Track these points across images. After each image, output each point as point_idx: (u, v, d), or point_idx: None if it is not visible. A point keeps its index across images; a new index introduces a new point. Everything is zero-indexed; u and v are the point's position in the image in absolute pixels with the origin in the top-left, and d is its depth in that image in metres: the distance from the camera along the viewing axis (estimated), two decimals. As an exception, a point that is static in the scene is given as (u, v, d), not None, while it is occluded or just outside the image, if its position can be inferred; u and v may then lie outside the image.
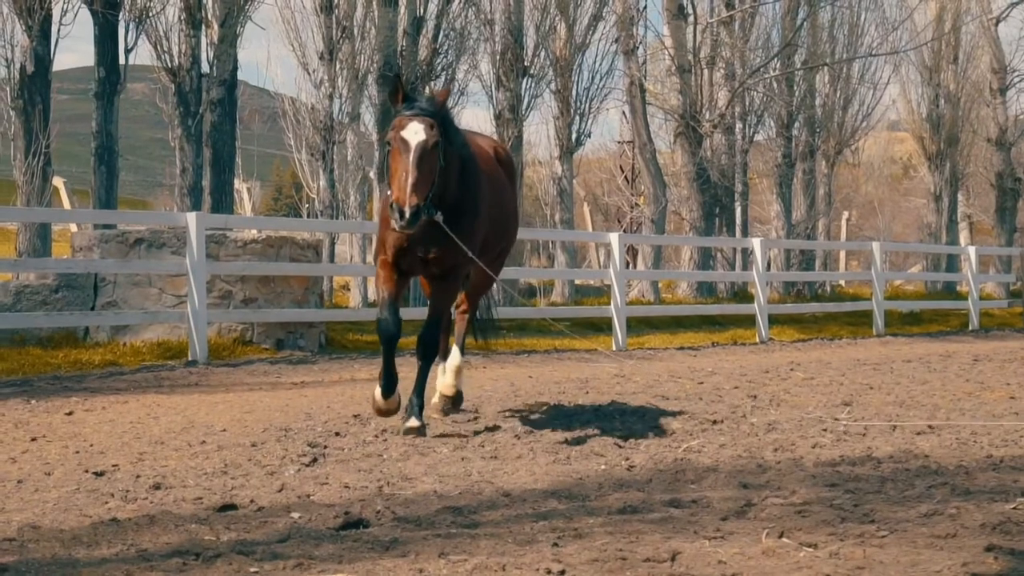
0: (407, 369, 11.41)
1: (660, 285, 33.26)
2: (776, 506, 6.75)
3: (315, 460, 8.78)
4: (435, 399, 11.51)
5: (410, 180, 9.35)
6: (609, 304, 23.56)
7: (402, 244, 10.16)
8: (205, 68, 26.58)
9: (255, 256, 18.72)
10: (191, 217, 17.76)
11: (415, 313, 18.02)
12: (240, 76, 28.21)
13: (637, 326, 25.70)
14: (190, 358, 17.38)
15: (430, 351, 10.49)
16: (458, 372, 11.51)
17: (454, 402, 11.58)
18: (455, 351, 11.63)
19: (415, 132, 9.56)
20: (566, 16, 32.00)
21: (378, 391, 10.36)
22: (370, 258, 26.64)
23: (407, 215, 9.18)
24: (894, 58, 41.82)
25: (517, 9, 31.12)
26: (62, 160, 34.06)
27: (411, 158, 9.48)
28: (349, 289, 29.11)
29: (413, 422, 10.18)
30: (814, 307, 30.67)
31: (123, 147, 26.70)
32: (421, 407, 10.32)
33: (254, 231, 20.30)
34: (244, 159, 75.61)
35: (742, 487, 7.44)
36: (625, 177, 46.54)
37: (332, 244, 29.40)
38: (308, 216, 45.19)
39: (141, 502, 7.18)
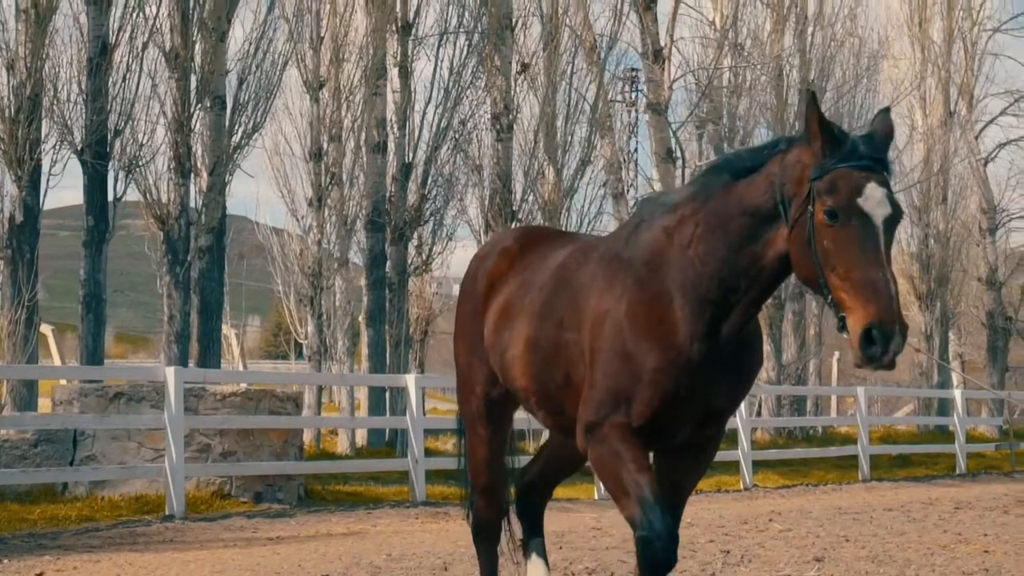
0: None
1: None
2: None
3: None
4: None
5: (893, 284, 6.16)
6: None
7: (684, 391, 6.73)
8: (194, 215, 26.88)
9: (234, 409, 18.80)
10: (170, 372, 17.88)
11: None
12: (242, 211, 28.55)
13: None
14: (167, 513, 17.38)
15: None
16: None
17: None
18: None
19: (881, 203, 6.35)
20: (554, 161, 32.28)
21: None
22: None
23: (895, 343, 6.07)
24: (883, 199, 42.07)
25: (505, 154, 31.43)
26: (60, 298, 34.33)
27: (882, 246, 6.25)
28: (337, 433, 29.10)
29: None
30: (799, 452, 30.61)
31: (124, 284, 27.04)
32: None
33: (235, 384, 20.40)
34: (245, 294, 76.17)
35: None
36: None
37: (319, 391, 29.49)
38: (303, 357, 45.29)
39: None
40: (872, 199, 6.27)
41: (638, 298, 6.82)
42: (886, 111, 6.96)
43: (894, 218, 6.32)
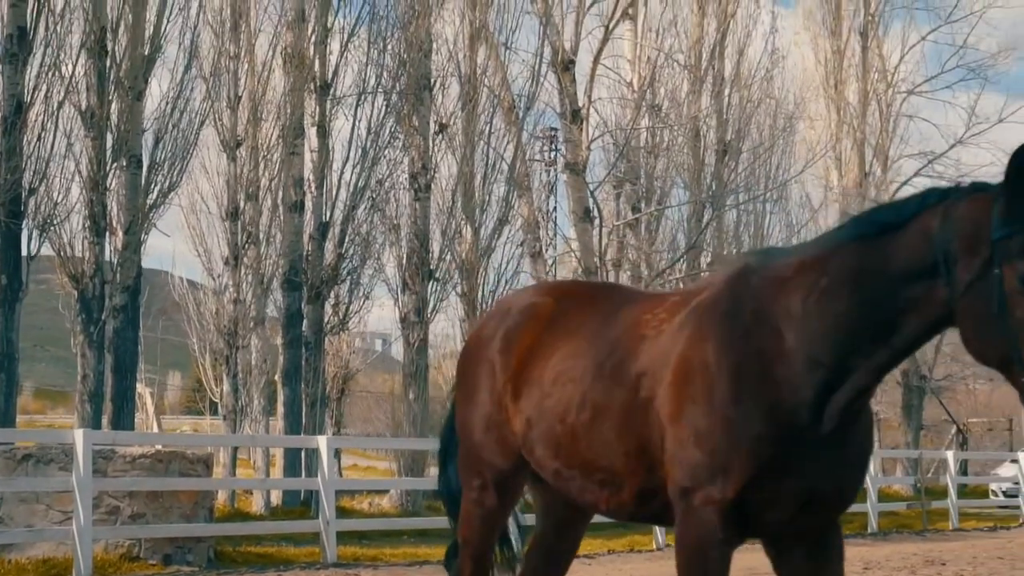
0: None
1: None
2: None
3: None
4: None
5: None
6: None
7: (786, 465, 5.98)
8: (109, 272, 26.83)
9: (144, 471, 18.70)
10: (78, 434, 17.79)
11: None
12: (162, 265, 28.53)
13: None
14: (75, 576, 17.29)
15: None
16: None
17: None
18: None
19: None
20: (472, 220, 32.45)
21: None
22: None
23: None
24: (799, 258, 42.46)
25: (423, 213, 31.58)
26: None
27: None
28: (252, 492, 29.00)
29: None
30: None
31: (44, 338, 26.89)
32: None
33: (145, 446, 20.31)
34: (166, 350, 75.67)
35: None
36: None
37: (235, 453, 29.43)
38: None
39: None
40: None
41: (741, 350, 6.09)
42: None
43: None
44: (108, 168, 26.46)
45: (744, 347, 6.06)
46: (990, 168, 45.66)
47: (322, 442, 21.27)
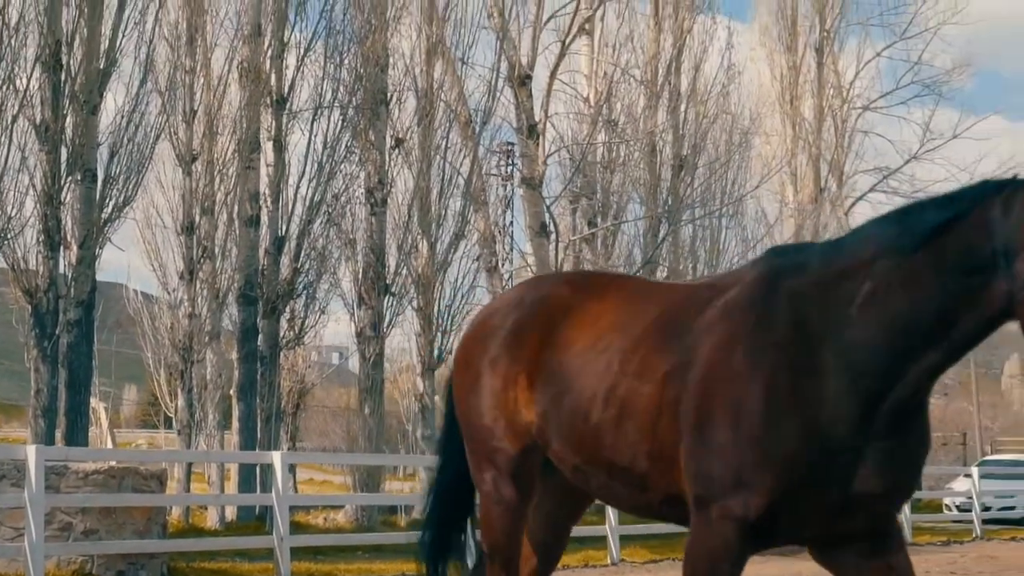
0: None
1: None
2: None
3: None
4: None
5: None
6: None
7: (818, 484, 5.85)
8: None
9: (97, 487, 18.63)
10: (31, 450, 17.69)
11: None
12: (118, 278, 28.43)
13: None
14: (26, 592, 17.20)
15: None
16: None
17: None
18: None
19: None
20: (428, 234, 32.46)
21: None
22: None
23: None
24: (755, 272, 42.57)
25: (379, 228, 31.58)
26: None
27: None
28: (206, 508, 28.89)
29: None
30: (666, 526, 30.65)
31: None
32: None
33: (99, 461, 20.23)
34: (122, 363, 75.30)
35: None
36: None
37: (189, 468, 29.34)
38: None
39: None
40: None
41: (775, 361, 5.91)
42: None
43: None
44: (62, 182, 26.37)
45: (779, 357, 5.90)
46: (944, 184, 45.96)
47: (276, 458, 21.22)
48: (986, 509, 36.04)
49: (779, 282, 6.11)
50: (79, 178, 26.80)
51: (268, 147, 30.58)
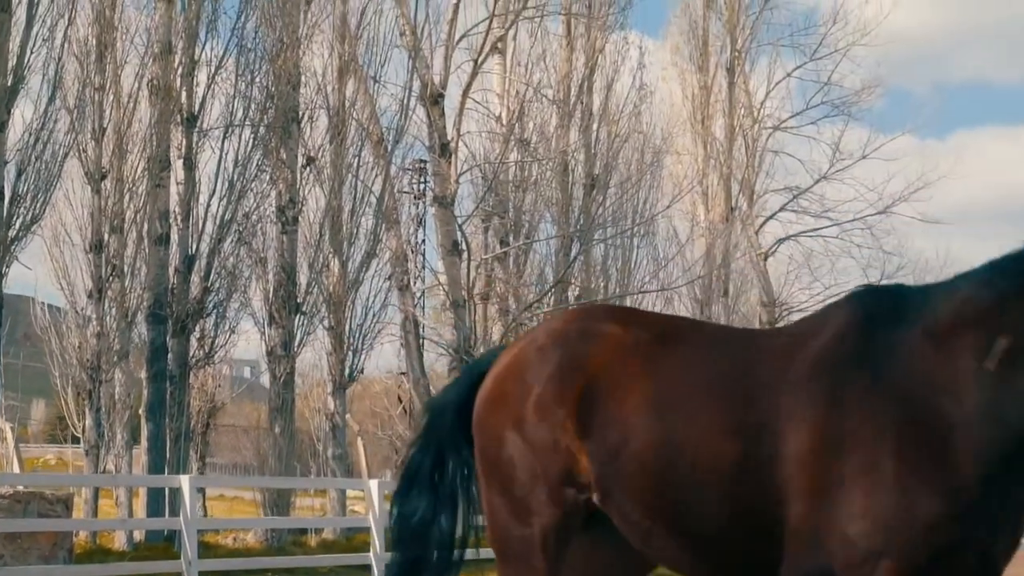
0: None
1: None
2: None
3: None
4: None
5: None
6: (369, 552, 23.42)
7: (962, 543, 5.62)
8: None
9: (1, 512, 18.41)
10: (-67, 475, 17.53)
11: None
12: (26, 291, 28.12)
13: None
14: (-72, 620, 17.00)
15: None
16: None
17: None
18: None
19: None
20: (340, 253, 32.36)
21: None
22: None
23: None
24: (666, 292, 42.86)
25: (290, 246, 31.46)
26: None
27: None
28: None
29: None
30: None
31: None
32: None
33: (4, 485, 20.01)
34: (31, 376, 74.40)
35: None
36: (404, 408, 46.52)
37: (96, 493, 29.04)
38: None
39: None
40: None
41: (905, 420, 5.64)
42: None
43: None
44: (-32, 200, 26.04)
45: (907, 415, 5.63)
46: (854, 204, 46.57)
47: (184, 481, 21.04)
48: None
49: (877, 331, 5.83)
50: (-15, 196, 26.48)
51: (178, 165, 30.30)
